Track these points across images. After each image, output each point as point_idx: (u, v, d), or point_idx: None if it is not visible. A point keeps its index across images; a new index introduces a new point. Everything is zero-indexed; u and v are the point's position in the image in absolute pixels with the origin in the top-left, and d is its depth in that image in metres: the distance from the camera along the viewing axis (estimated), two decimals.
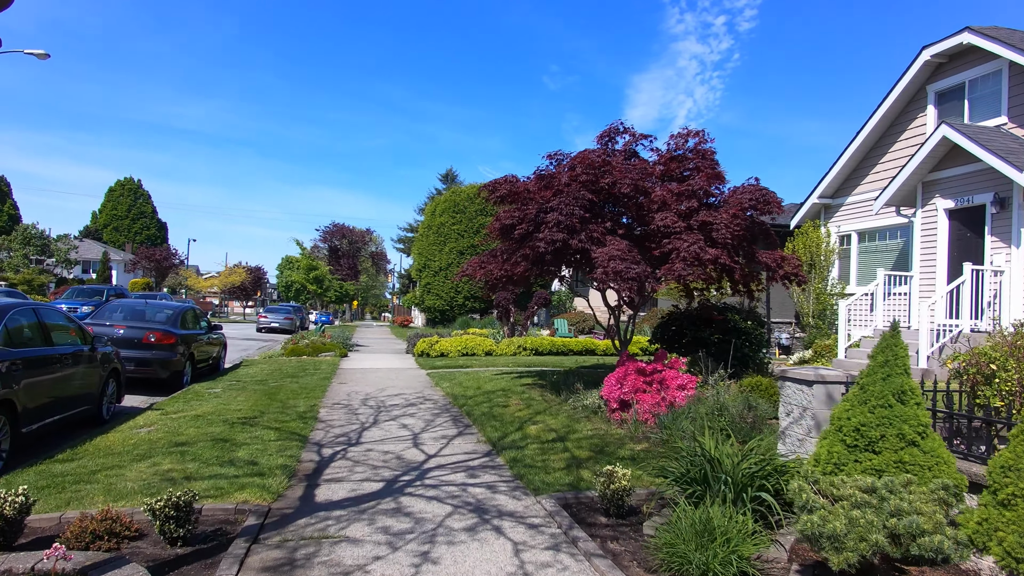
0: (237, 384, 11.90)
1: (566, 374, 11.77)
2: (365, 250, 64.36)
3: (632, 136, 9.33)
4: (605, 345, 18.73)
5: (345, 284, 50.46)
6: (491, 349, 17.75)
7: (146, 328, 11.69)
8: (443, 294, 36.81)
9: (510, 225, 8.87)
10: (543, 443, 7.17)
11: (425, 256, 37.89)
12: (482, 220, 36.40)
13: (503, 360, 16.58)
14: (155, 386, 11.85)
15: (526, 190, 9.15)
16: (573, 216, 8.09)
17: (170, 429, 7.74)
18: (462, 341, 17.73)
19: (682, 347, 10.35)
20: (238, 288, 62.00)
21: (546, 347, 18.07)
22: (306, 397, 10.45)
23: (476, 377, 13.01)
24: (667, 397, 7.88)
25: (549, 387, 10.91)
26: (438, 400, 10.62)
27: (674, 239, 7.90)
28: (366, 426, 8.36)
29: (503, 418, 8.64)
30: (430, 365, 15.73)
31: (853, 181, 16.15)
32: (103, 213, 71.68)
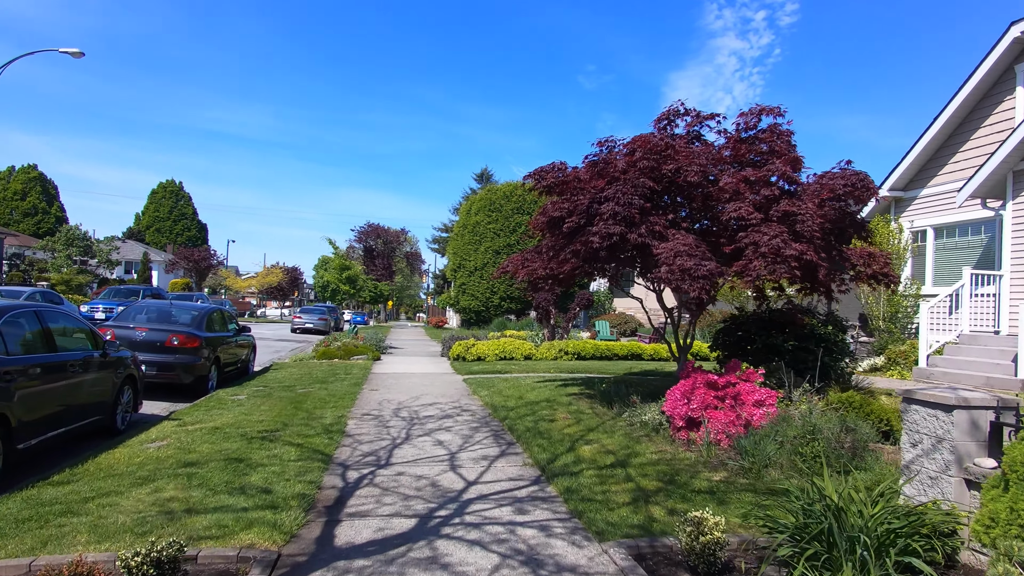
0: (263, 390, 11.19)
1: (616, 383, 10.72)
2: (400, 250, 64.10)
3: (695, 117, 8.23)
4: (652, 349, 17.59)
5: (379, 284, 50.10)
6: (530, 353, 16.79)
7: (169, 331, 11.06)
8: (478, 294, 36.00)
9: (558, 218, 7.88)
10: (600, 469, 6.17)
11: (460, 256, 37.14)
12: (518, 219, 35.52)
13: (544, 365, 15.60)
14: (179, 392, 11.23)
15: (576, 179, 8.15)
16: (632, 207, 7.06)
17: (182, 445, 6.98)
18: (500, 344, 16.82)
19: (749, 355, 9.22)
20: (275, 288, 62.41)
21: (589, 351, 17.03)
22: (334, 406, 9.64)
23: (517, 384, 12.06)
24: (742, 415, 6.80)
25: (599, 398, 9.89)
26: (476, 411, 9.70)
27: (751, 232, 6.80)
28: (397, 442, 7.48)
29: (550, 435, 7.66)
30: (467, 370, 14.85)
31: (928, 172, 14.70)
32: (146, 215, 73.10)
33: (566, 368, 15.03)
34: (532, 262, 8.94)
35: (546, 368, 15.01)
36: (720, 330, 10.37)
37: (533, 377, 13.35)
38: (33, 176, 64.44)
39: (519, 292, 35.11)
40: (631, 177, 7.25)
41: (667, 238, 7.29)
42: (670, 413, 7.21)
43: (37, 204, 63.49)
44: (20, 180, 63.71)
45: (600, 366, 15.55)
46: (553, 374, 14.02)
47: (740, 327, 9.60)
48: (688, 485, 5.59)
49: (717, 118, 8.12)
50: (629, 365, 15.98)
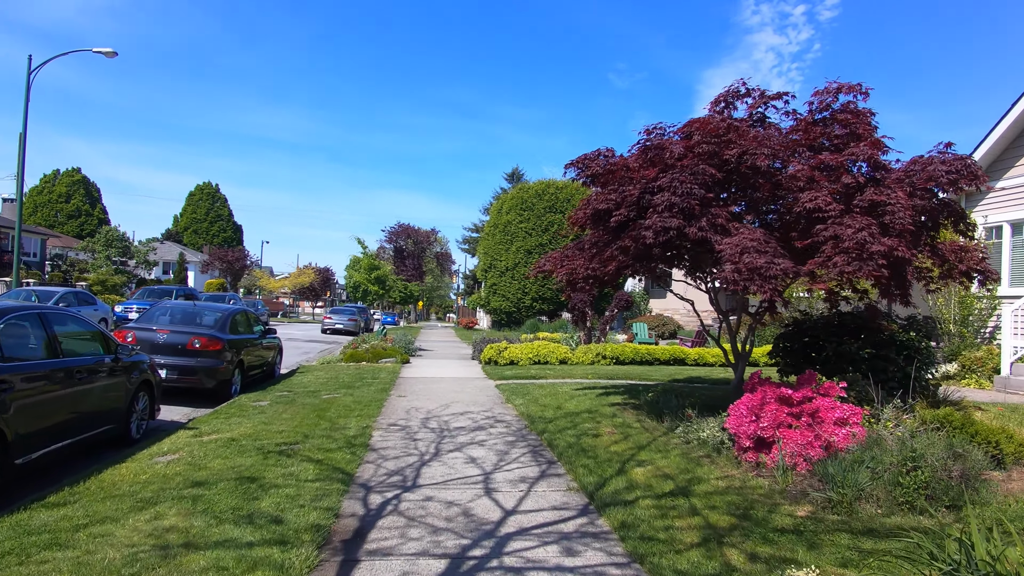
0: (287, 396, 10.62)
1: (664, 392, 9.85)
2: (430, 250, 63.82)
3: (759, 97, 7.33)
4: (696, 354, 16.62)
5: (410, 285, 49.77)
6: (566, 357, 15.98)
7: (191, 333, 10.57)
8: (510, 295, 35.30)
9: (604, 211, 7.08)
10: (658, 497, 5.35)
11: (491, 256, 36.49)
12: (551, 218, 34.72)
13: (580, 370, 14.78)
14: (201, 397, 10.75)
15: (624, 167, 7.33)
16: (691, 197, 6.23)
17: (194, 459, 6.38)
18: (533, 348, 16.05)
19: (817, 364, 8.28)
20: (307, 289, 62.72)
21: (628, 355, 16.15)
22: (359, 415, 9.00)
23: (553, 392, 11.28)
24: (822, 435, 5.91)
25: (646, 409, 9.05)
26: (511, 422, 8.95)
27: (831, 225, 5.90)
28: (426, 459, 6.77)
29: (596, 453, 6.86)
30: (499, 375, 14.12)
31: (1004, 163, 13.47)
32: (184, 216, 74.29)
33: (605, 374, 14.18)
34: (573, 260, 8.16)
35: (583, 374, 14.19)
36: (782, 335, 9.44)
37: (570, 384, 12.54)
38: (77, 179, 65.93)
39: (551, 293, 34.34)
40: (689, 164, 6.40)
41: (730, 232, 6.43)
42: (734, 431, 6.35)
43: (80, 206, 64.92)
44: (65, 183, 65.24)
45: (641, 372, 14.66)
46: (591, 380, 13.20)
47: (806, 332, 8.65)
48: (767, 522, 4.74)
49: (785, 98, 7.21)
50: (672, 371, 15.05)
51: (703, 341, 18.96)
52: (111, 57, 20.18)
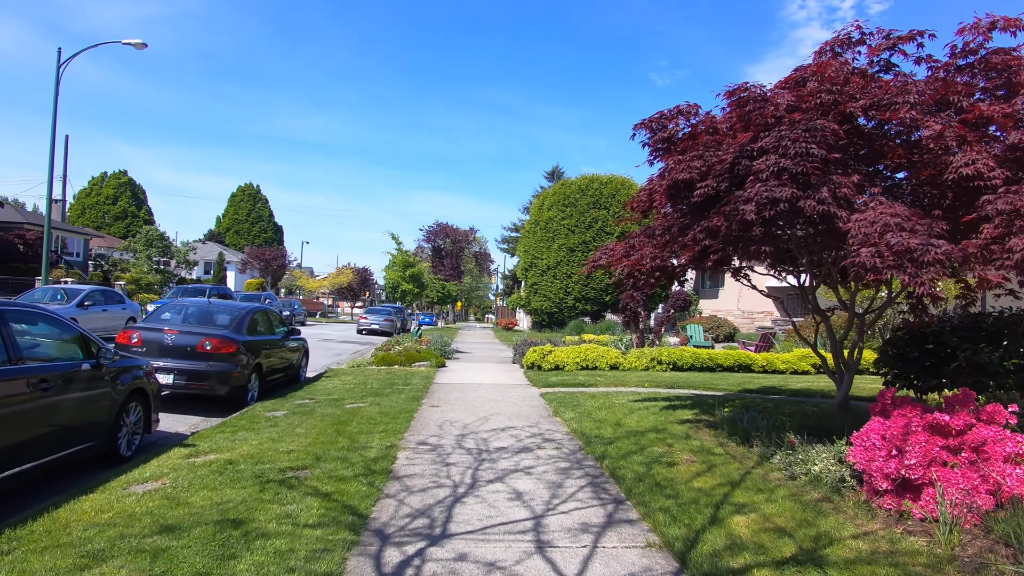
0: (306, 405, 9.44)
1: (742, 408, 8.30)
2: (468, 250, 62.82)
3: (884, 39, 5.74)
4: (764, 359, 14.90)
5: (448, 284, 48.78)
6: (617, 362, 14.49)
7: (201, 334, 9.49)
8: (551, 295, 33.86)
9: (685, 183, 5.62)
10: (779, 566, 3.88)
11: (531, 254, 35.12)
12: (594, 214, 33.17)
13: (635, 378, 13.27)
14: (213, 404, 9.69)
15: (711, 128, 5.86)
16: (808, 160, 4.74)
17: (176, 491, 5.18)
18: (580, 352, 14.60)
19: (944, 376, 6.65)
20: (345, 288, 62.43)
21: (687, 361, 14.56)
22: (384, 430, 7.73)
23: (608, 403, 9.84)
24: (989, 476, 4.36)
25: (725, 429, 7.53)
26: (561, 441, 7.55)
27: (1004, 196, 4.34)
28: (460, 492, 5.43)
29: (676, 490, 5.41)
30: (543, 381, 12.72)
31: None
32: (226, 217, 75.09)
33: (663, 382, 12.64)
34: (640, 248, 6.73)
35: (638, 381, 12.68)
36: (893, 340, 7.80)
37: (626, 394, 11.06)
38: (123, 181, 67.16)
39: (595, 292, 32.81)
40: (804, 119, 4.90)
41: (854, 206, 4.92)
42: (863, 467, 4.83)
43: (127, 208, 66.09)
44: (111, 185, 66.52)
45: (704, 380, 13.06)
46: (649, 390, 11.69)
47: (927, 337, 7.02)
48: None
49: (919, 38, 5.60)
50: (739, 379, 13.39)
51: (769, 345, 17.20)
52: (140, 49, 19.55)
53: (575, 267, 33.03)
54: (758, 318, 31.68)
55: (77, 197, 65.34)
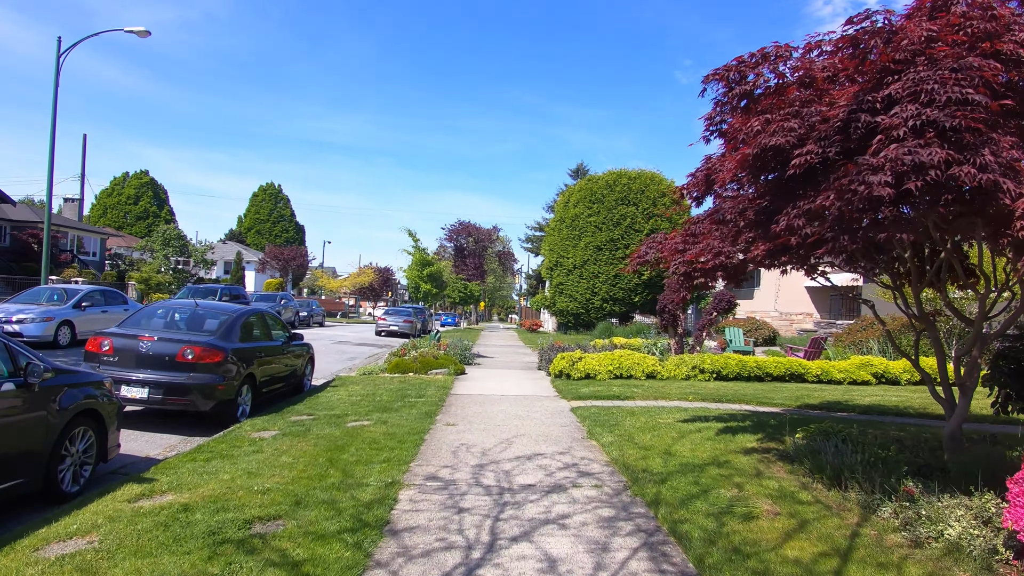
0: (302, 424, 8.19)
1: (820, 434, 6.81)
2: (491, 249, 61.55)
3: None
4: (818, 368, 13.31)
5: (470, 284, 47.54)
6: (654, 370, 13.03)
7: (182, 341, 8.28)
8: (577, 295, 32.41)
9: (775, 150, 4.20)
10: None
11: (557, 252, 33.71)
12: (623, 210, 31.64)
13: (676, 389, 11.81)
14: (201, 419, 8.53)
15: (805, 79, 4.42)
16: (965, 109, 3.32)
17: (96, 558, 3.93)
18: (613, 359, 13.17)
19: None
20: (367, 288, 61.64)
21: (732, 369, 13.05)
22: (386, 460, 6.42)
23: (652, 422, 8.42)
24: None
25: (804, 462, 6.08)
26: (602, 476, 6.16)
27: None
28: (473, 560, 4.10)
29: (764, 562, 4.00)
30: (573, 393, 11.33)
31: None
32: (247, 217, 74.89)
33: (709, 394, 11.16)
34: (706, 238, 5.34)
35: (680, 394, 11.23)
36: (1008, 352, 6.27)
37: (670, 410, 9.62)
38: (145, 181, 67.25)
39: (623, 293, 31.29)
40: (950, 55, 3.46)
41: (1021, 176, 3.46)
42: None
43: (148, 208, 66.16)
44: (133, 185, 66.65)
45: (755, 392, 11.54)
46: (695, 404, 10.24)
47: None
48: None
49: None
50: (795, 392, 11.83)
51: (819, 351, 15.58)
52: (144, 37, 18.61)
53: (602, 266, 31.55)
54: (796, 320, 29.86)
55: (99, 197, 65.57)
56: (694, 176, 6.56)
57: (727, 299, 13.75)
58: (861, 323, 18.70)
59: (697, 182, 6.43)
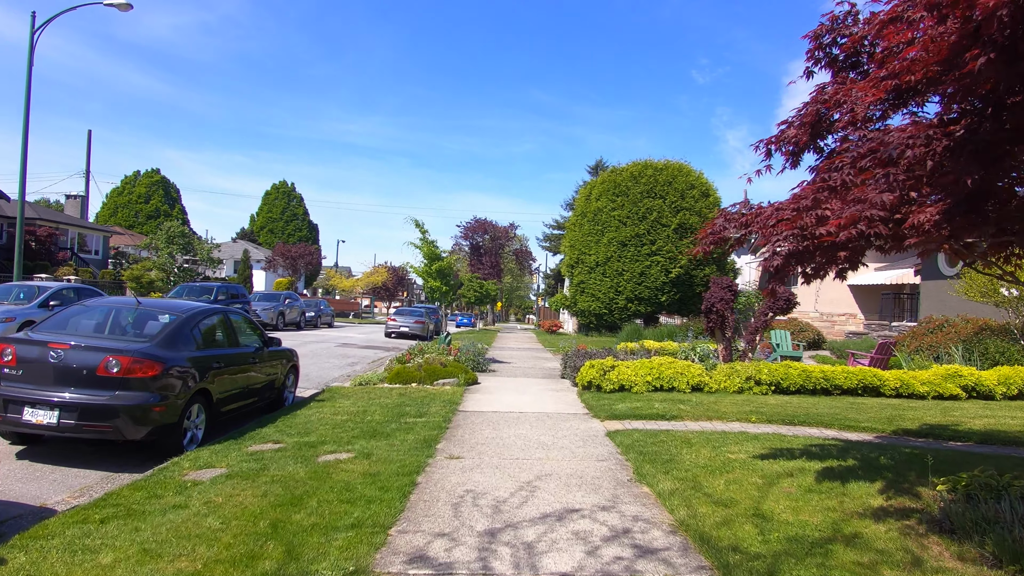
0: (261, 457, 6.28)
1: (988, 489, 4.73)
2: (508, 247, 59.55)
3: None
4: (896, 380, 11.12)
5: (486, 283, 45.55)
6: (701, 382, 10.95)
7: (107, 349, 6.41)
8: (600, 294, 30.32)
9: None
10: None
11: (578, 249, 31.64)
12: (648, 204, 29.48)
13: (731, 406, 9.74)
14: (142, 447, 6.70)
15: None
16: None
17: None
18: (652, 368, 11.12)
19: None
20: (380, 288, 60.01)
21: (793, 380, 10.92)
22: (358, 522, 4.48)
23: (720, 458, 6.40)
24: None
25: (973, 536, 4.03)
26: (670, 553, 4.14)
27: None
28: None
29: None
30: (607, 410, 9.32)
31: None
32: (260, 216, 73.67)
33: (774, 413, 9.09)
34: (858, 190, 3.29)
35: (739, 412, 9.17)
36: None
37: (735, 436, 7.56)
38: (156, 180, 66.24)
39: (649, 292, 29.16)
40: None
41: None
42: None
43: (160, 207, 65.07)
44: (144, 184, 65.64)
45: (830, 411, 9.43)
46: (763, 429, 8.17)
47: None
48: None
49: None
50: (881, 411, 9.65)
51: (887, 357, 13.40)
52: (125, 11, 16.87)
53: (627, 263, 29.43)
54: (839, 321, 27.49)
55: (109, 196, 64.74)
56: (794, 121, 4.55)
57: (785, 297, 11.63)
58: (927, 325, 16.44)
59: (800, 126, 4.42)
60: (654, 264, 29.02)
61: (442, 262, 15.41)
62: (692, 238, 29.13)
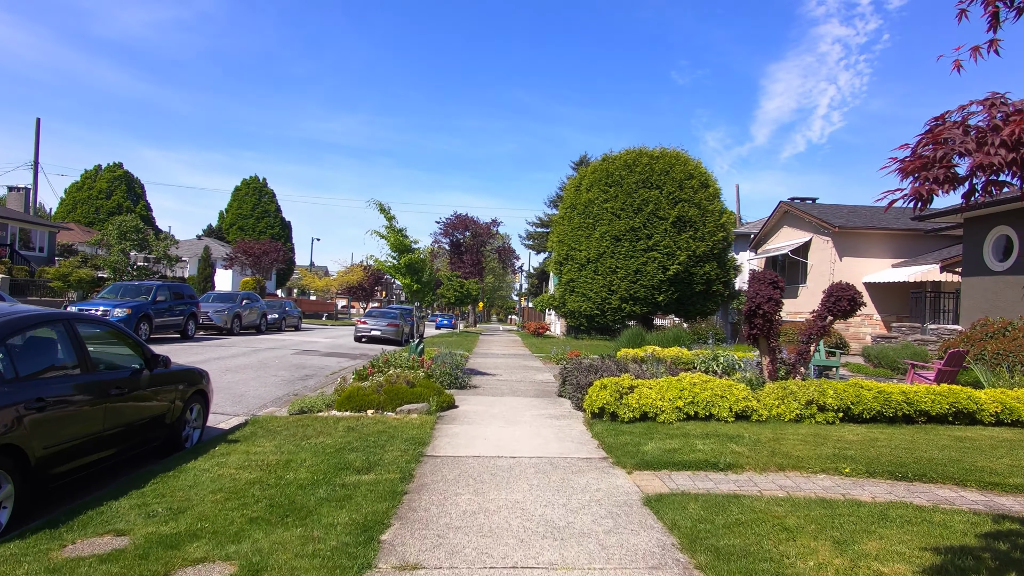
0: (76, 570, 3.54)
1: None
2: (490, 244, 56.80)
3: None
4: (995, 404, 8.61)
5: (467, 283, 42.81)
6: (747, 407, 8.36)
7: None
8: (591, 294, 27.73)
9: None
10: None
11: (567, 245, 29.02)
12: (645, 194, 26.95)
13: (800, 444, 7.16)
14: None
15: None
16: None
17: None
18: (683, 388, 8.51)
19: None
20: (356, 288, 56.99)
21: (868, 405, 8.39)
22: None
23: (852, 561, 3.77)
24: None
25: None
26: None
27: None
28: None
29: None
30: (635, 454, 6.69)
31: None
32: (229, 213, 70.00)
33: (867, 457, 6.52)
34: None
35: (814, 454, 6.59)
36: None
37: (845, 507, 4.96)
38: (119, 175, 62.45)
39: (645, 291, 26.63)
40: None
41: None
42: None
43: (122, 203, 61.29)
44: (106, 179, 61.83)
45: (940, 451, 6.87)
46: (871, 487, 5.59)
47: None
48: None
49: None
50: (1016, 452, 7.15)
51: (956, 370, 10.93)
52: None
53: (621, 260, 26.87)
54: (853, 323, 25.20)
55: (68, 191, 60.91)
56: None
57: (849, 296, 9.06)
58: (983, 329, 14.05)
59: None
60: (651, 260, 26.50)
61: (413, 254, 12.69)
62: (692, 232, 26.70)
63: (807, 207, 27.35)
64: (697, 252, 26.57)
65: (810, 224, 26.25)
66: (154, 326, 19.11)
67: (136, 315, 18.25)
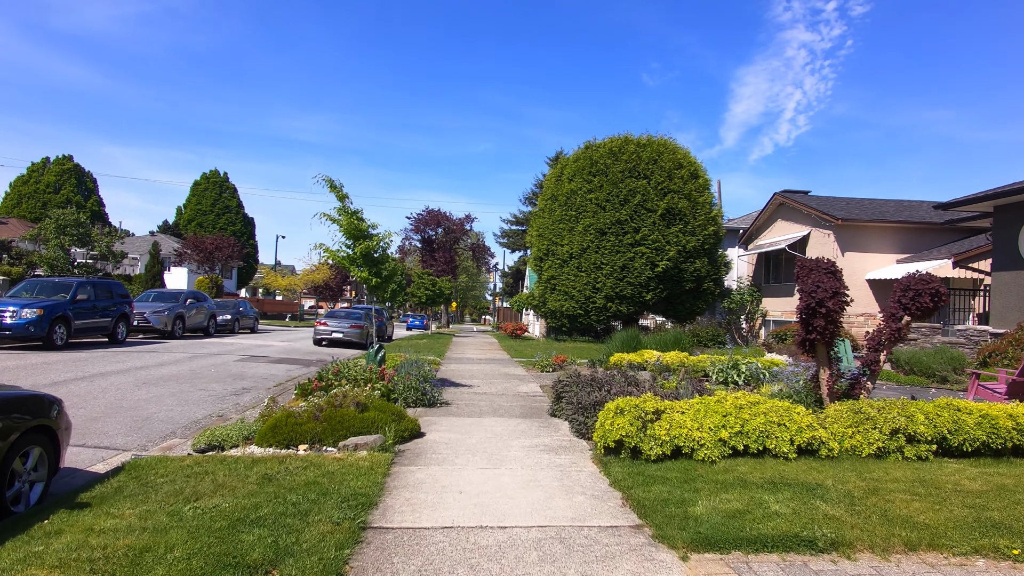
0: None
1: None
2: (464, 242, 54.41)
3: None
4: None
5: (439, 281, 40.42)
6: (813, 437, 6.26)
7: None
8: (575, 292, 25.61)
9: None
10: None
11: (548, 239, 26.86)
12: (631, 184, 24.91)
13: (909, 499, 5.07)
14: None
15: None
16: None
17: None
18: (727, 413, 6.38)
19: None
20: (323, 287, 54.18)
21: (970, 434, 6.35)
22: None
23: None
24: None
25: None
26: None
27: None
28: None
29: None
30: (683, 522, 4.54)
31: None
32: (187, 208, 66.35)
33: (1012, 521, 4.42)
34: None
35: (940, 520, 4.50)
36: None
37: None
38: (68, 168, 58.66)
39: (632, 289, 24.58)
40: None
41: None
42: None
43: (71, 198, 57.45)
44: (54, 172, 58.01)
45: None
46: None
47: None
48: None
49: None
50: None
51: None
52: None
53: (607, 255, 24.80)
54: (856, 322, 23.46)
55: (13, 185, 56.94)
56: None
57: (930, 291, 6.99)
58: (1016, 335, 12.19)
59: None
60: (638, 256, 24.48)
61: (371, 241, 10.37)
62: (682, 226, 24.76)
63: (806, 199, 25.59)
64: (687, 247, 24.63)
65: (809, 217, 24.50)
66: (73, 329, 16.41)
67: (49, 316, 15.56)
